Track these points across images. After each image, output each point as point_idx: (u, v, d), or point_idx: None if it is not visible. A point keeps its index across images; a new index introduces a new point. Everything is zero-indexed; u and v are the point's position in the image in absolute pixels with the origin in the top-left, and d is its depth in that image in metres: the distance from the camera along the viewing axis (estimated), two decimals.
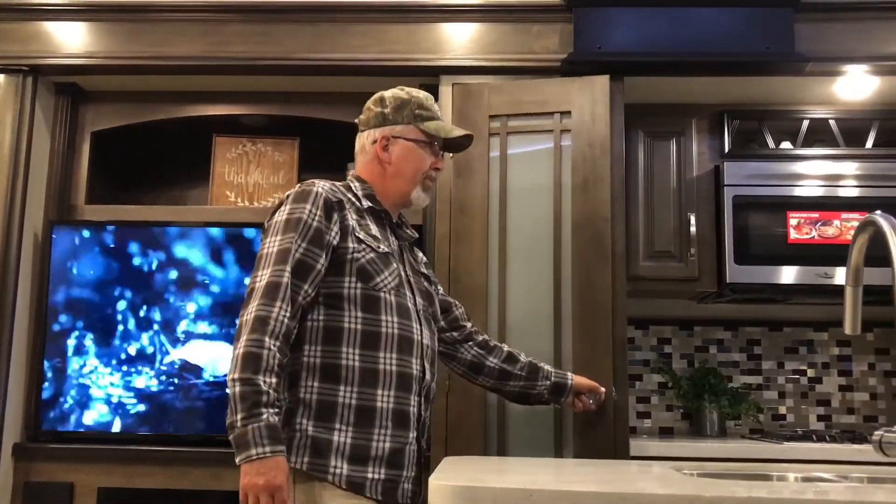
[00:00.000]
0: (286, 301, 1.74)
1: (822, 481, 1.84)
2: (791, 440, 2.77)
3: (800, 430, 3.04)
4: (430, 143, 2.02)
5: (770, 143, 3.11)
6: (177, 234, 2.95)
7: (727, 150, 3.06)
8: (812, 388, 3.31)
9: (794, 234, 2.94)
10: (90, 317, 2.92)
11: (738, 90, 2.99)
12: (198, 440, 2.86)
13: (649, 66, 2.82)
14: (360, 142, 2.05)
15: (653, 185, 3.04)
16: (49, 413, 2.88)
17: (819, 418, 3.29)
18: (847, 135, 3.08)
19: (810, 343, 3.34)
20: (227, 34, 2.93)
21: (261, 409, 1.67)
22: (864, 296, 1.61)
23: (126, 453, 2.84)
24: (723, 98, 3.07)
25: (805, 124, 3.10)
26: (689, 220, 2.98)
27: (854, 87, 2.94)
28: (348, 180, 2.00)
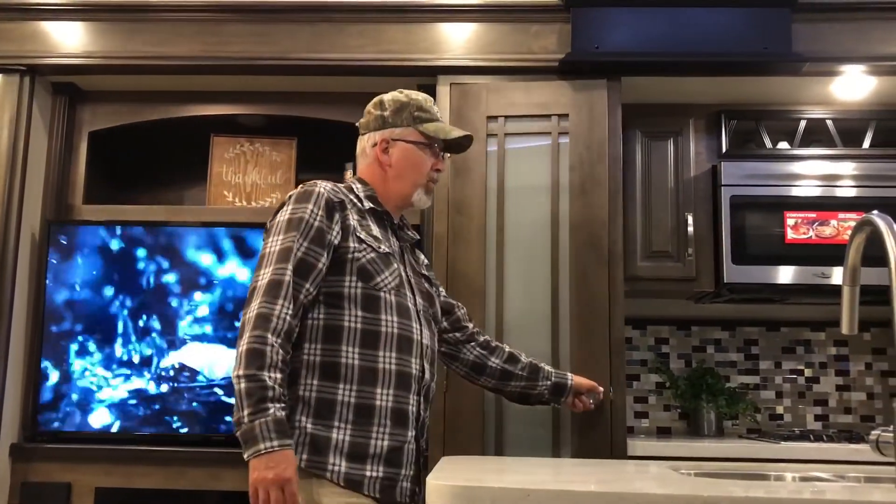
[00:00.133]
0: (288, 299, 1.75)
1: (819, 481, 1.84)
2: (788, 440, 2.78)
3: (797, 430, 3.04)
4: (430, 144, 2.03)
5: (767, 143, 3.11)
6: (174, 234, 2.95)
7: (724, 150, 3.07)
8: (809, 387, 3.32)
9: (791, 234, 2.94)
10: (88, 317, 2.91)
11: (736, 90, 3.00)
12: (196, 440, 2.86)
13: (647, 66, 2.82)
14: (360, 145, 2.06)
15: (650, 185, 3.04)
16: (46, 413, 2.87)
17: (816, 418, 3.29)
18: (844, 135, 3.09)
19: (807, 343, 3.34)
20: (224, 34, 2.93)
21: (267, 404, 1.67)
22: (862, 295, 1.62)
23: (124, 453, 2.83)
24: (720, 98, 3.07)
25: (802, 124, 3.10)
26: (686, 220, 2.99)
27: (851, 88, 2.94)
28: (350, 182, 2.01)
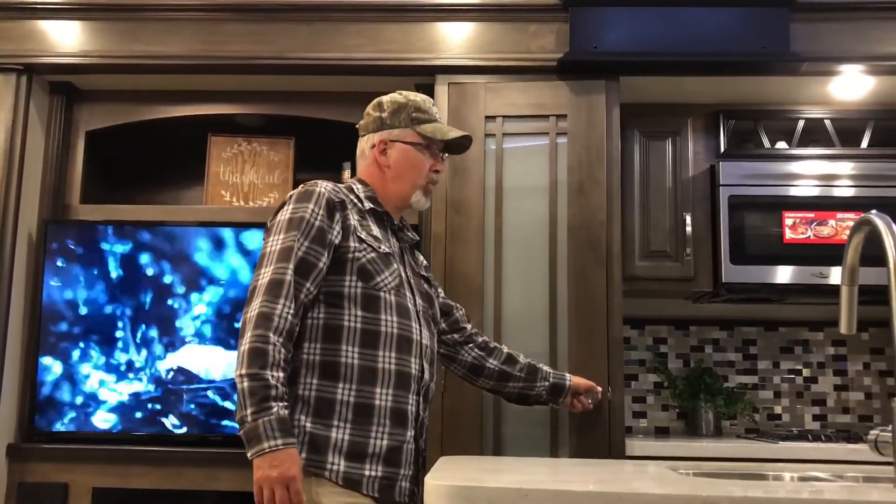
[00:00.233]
0: (289, 298, 1.75)
1: (817, 481, 1.84)
2: (786, 440, 2.77)
3: (795, 430, 3.04)
4: (428, 145, 2.03)
5: (766, 143, 3.11)
6: (172, 233, 2.94)
7: (723, 149, 3.07)
8: (807, 387, 3.32)
9: (789, 234, 2.94)
10: (85, 317, 2.91)
11: (734, 90, 2.99)
12: (193, 440, 2.85)
13: (645, 66, 2.82)
14: (360, 146, 2.07)
15: (649, 185, 3.04)
16: (43, 413, 2.87)
17: (814, 418, 3.29)
18: (842, 135, 3.09)
19: (806, 343, 3.34)
20: (222, 33, 2.93)
21: (270, 402, 1.67)
22: (860, 295, 1.62)
23: (121, 453, 2.83)
24: (718, 98, 3.07)
25: (801, 124, 3.10)
26: (684, 220, 2.98)
27: (849, 87, 2.94)
28: (350, 182, 2.02)
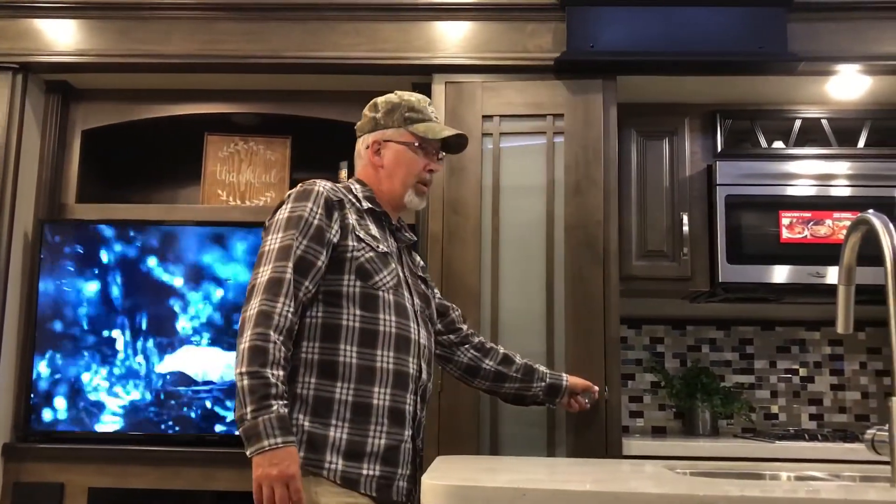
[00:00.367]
0: (289, 297, 1.75)
1: (814, 480, 1.84)
2: (783, 439, 2.78)
3: (792, 429, 3.05)
4: (422, 145, 2.02)
5: (762, 143, 3.11)
6: (168, 233, 2.94)
7: (720, 149, 3.07)
8: (804, 387, 3.32)
9: (786, 234, 2.94)
10: (80, 317, 2.90)
11: (731, 90, 2.99)
12: (190, 440, 2.85)
13: (642, 66, 2.82)
14: (357, 147, 2.08)
15: (645, 185, 3.04)
16: (39, 413, 2.86)
17: (811, 417, 3.30)
18: (839, 134, 3.09)
19: (802, 342, 3.35)
20: (218, 32, 2.92)
21: (270, 401, 1.67)
22: (857, 295, 1.62)
23: (117, 453, 2.82)
24: (715, 98, 3.07)
25: (797, 124, 3.10)
26: (681, 220, 2.98)
27: (846, 87, 2.95)
28: (349, 182, 2.02)
